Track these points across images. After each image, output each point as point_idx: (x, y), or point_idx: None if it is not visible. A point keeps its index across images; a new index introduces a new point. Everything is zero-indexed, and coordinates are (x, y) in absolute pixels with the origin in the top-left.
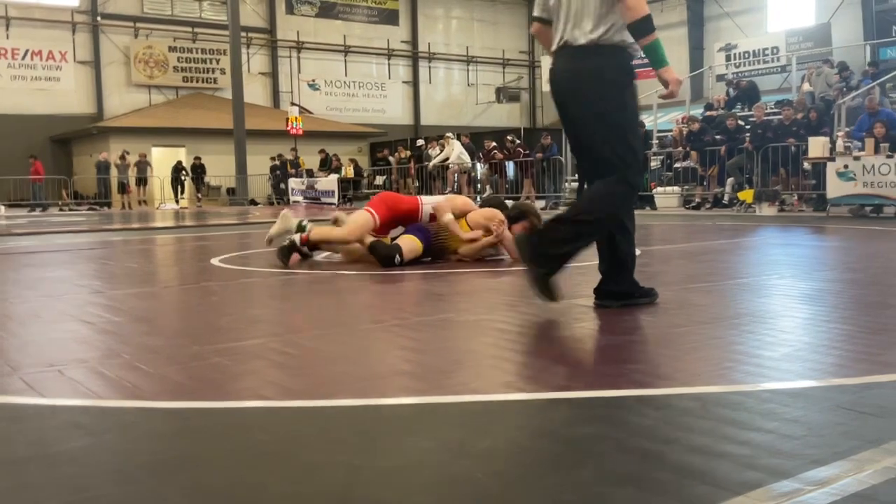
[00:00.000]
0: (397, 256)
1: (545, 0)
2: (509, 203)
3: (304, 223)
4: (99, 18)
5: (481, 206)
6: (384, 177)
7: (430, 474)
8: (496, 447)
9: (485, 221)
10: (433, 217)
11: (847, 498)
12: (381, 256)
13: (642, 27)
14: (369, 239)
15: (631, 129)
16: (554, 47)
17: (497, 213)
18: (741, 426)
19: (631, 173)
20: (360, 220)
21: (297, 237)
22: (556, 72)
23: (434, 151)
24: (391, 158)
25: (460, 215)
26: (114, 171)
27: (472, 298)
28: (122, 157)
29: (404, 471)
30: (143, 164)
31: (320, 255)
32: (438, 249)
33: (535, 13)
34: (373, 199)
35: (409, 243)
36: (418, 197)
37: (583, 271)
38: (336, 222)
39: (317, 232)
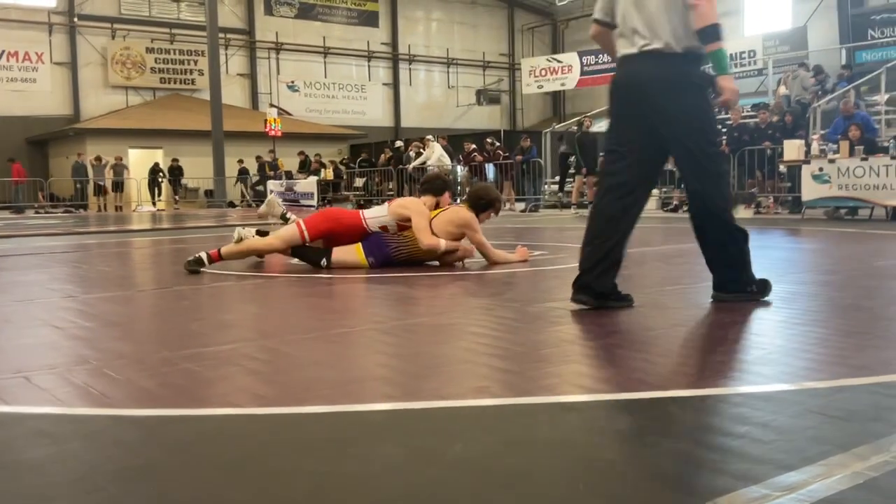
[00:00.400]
0: (324, 260)
1: (607, 5)
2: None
3: (289, 216)
4: (76, 19)
5: (420, 190)
6: (364, 178)
7: (399, 482)
8: (467, 454)
9: (455, 229)
10: (384, 228)
11: (816, 503)
12: (308, 260)
13: (712, 33)
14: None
15: (714, 126)
16: (633, 50)
17: (467, 220)
18: (712, 431)
19: (718, 162)
20: (287, 230)
21: (203, 254)
22: (641, 73)
23: (413, 153)
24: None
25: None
26: (89, 172)
27: (446, 302)
28: (98, 159)
29: (373, 478)
30: (119, 168)
31: (294, 260)
32: (406, 260)
33: (597, 16)
34: (313, 216)
35: (346, 252)
36: (360, 211)
37: (557, 274)
38: (239, 241)
39: (229, 247)
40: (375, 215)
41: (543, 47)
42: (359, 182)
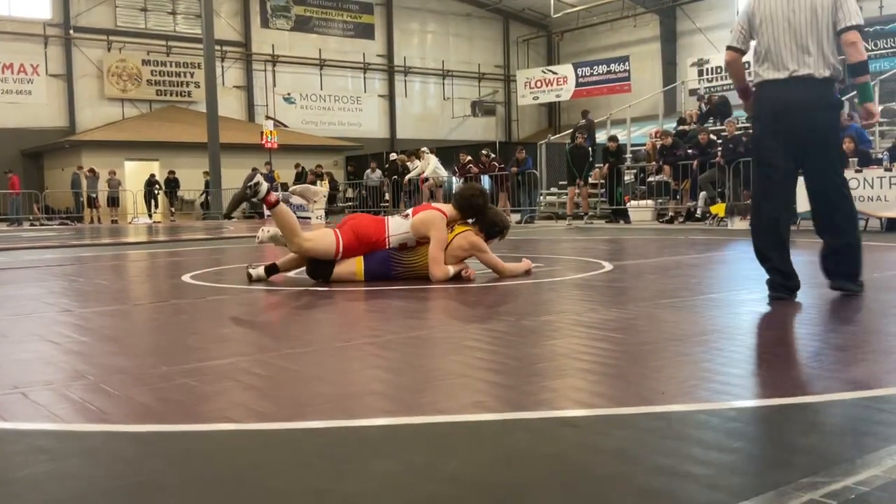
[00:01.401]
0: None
1: (745, 34)
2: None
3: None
4: (71, 31)
5: (455, 201)
6: (356, 191)
7: (395, 498)
8: (462, 470)
9: (464, 253)
10: (403, 246)
11: None
12: (309, 271)
13: (863, 67)
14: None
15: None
16: (781, 75)
17: (475, 244)
18: (706, 446)
19: (842, 174)
20: (325, 241)
21: (262, 270)
22: (794, 96)
23: (412, 165)
24: (374, 175)
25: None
26: (84, 185)
27: (441, 315)
28: (92, 171)
29: (370, 495)
30: (113, 182)
31: (294, 272)
32: (410, 277)
33: (736, 45)
34: (346, 224)
35: (347, 267)
36: (384, 221)
37: (552, 287)
38: (271, 239)
39: (286, 260)
40: (397, 232)
41: (538, 59)
42: (351, 193)
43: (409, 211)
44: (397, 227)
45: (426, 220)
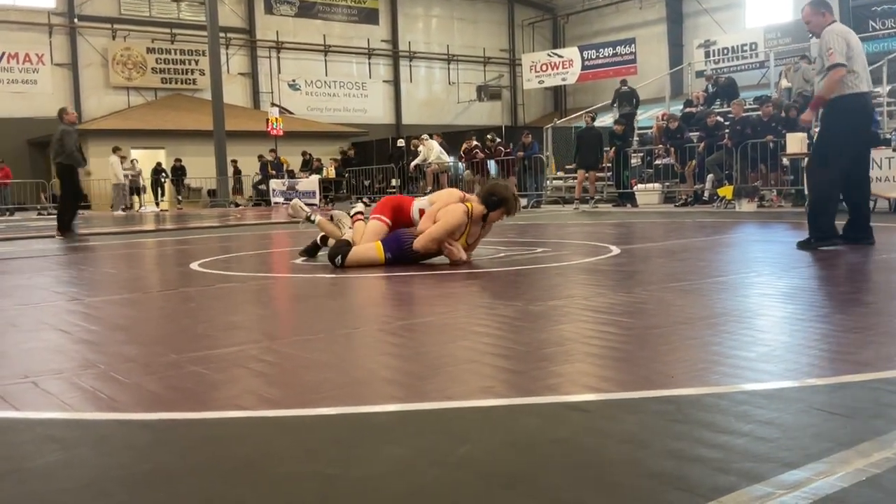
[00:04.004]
0: (338, 259)
1: (847, 52)
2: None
3: (312, 218)
4: (76, 20)
5: (483, 192)
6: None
7: (404, 483)
8: (471, 455)
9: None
10: (421, 211)
11: (818, 501)
12: (328, 253)
13: None
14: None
15: None
16: (865, 89)
17: (447, 222)
18: (716, 429)
19: None
20: (372, 229)
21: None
22: (870, 104)
23: (420, 150)
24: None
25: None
26: (98, 174)
27: (449, 301)
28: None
29: (379, 480)
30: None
31: (300, 259)
32: (421, 255)
33: (846, 63)
34: (378, 206)
35: (365, 250)
36: (413, 202)
37: (559, 272)
38: (332, 220)
39: (358, 250)
40: (420, 205)
41: (544, 42)
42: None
43: (433, 196)
44: (421, 202)
45: (442, 194)
